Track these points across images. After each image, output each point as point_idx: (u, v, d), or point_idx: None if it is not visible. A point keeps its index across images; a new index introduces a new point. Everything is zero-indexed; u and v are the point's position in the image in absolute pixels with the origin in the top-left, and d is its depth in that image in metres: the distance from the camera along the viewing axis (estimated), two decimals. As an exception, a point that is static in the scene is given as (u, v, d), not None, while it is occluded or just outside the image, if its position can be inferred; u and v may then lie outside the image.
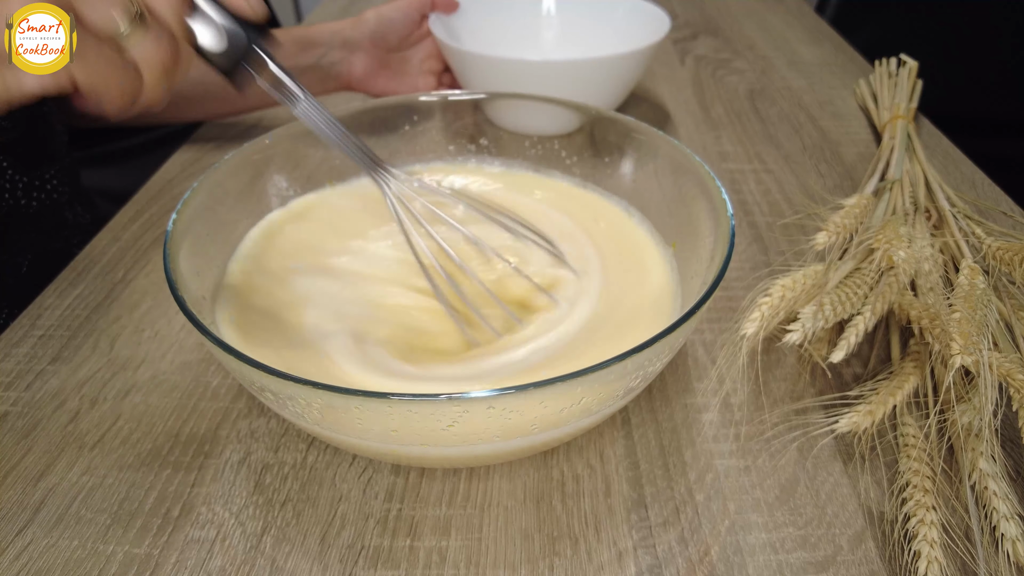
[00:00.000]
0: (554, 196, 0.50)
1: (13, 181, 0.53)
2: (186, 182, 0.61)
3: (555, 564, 0.32)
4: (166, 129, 1.00)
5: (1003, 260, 0.42)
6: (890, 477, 0.36)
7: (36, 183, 0.55)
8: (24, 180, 0.53)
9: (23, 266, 0.54)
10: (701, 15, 1.03)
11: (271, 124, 0.72)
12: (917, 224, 0.47)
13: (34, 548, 0.33)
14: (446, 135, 0.52)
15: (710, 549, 0.33)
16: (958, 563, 0.32)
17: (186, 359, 0.43)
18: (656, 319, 0.39)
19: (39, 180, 0.55)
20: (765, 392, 0.41)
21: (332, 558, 0.32)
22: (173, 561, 0.32)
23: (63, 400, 0.40)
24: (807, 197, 0.59)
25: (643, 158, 0.46)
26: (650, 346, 0.29)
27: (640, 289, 0.42)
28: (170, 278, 0.33)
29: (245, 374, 0.29)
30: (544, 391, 0.27)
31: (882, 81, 0.72)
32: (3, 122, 0.51)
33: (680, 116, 0.73)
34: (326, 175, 0.49)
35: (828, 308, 0.38)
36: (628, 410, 0.40)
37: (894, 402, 0.37)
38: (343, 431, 0.30)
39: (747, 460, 0.37)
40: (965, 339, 0.34)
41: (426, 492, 0.35)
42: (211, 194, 0.41)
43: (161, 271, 0.50)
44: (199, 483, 0.36)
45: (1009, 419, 0.37)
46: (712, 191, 0.39)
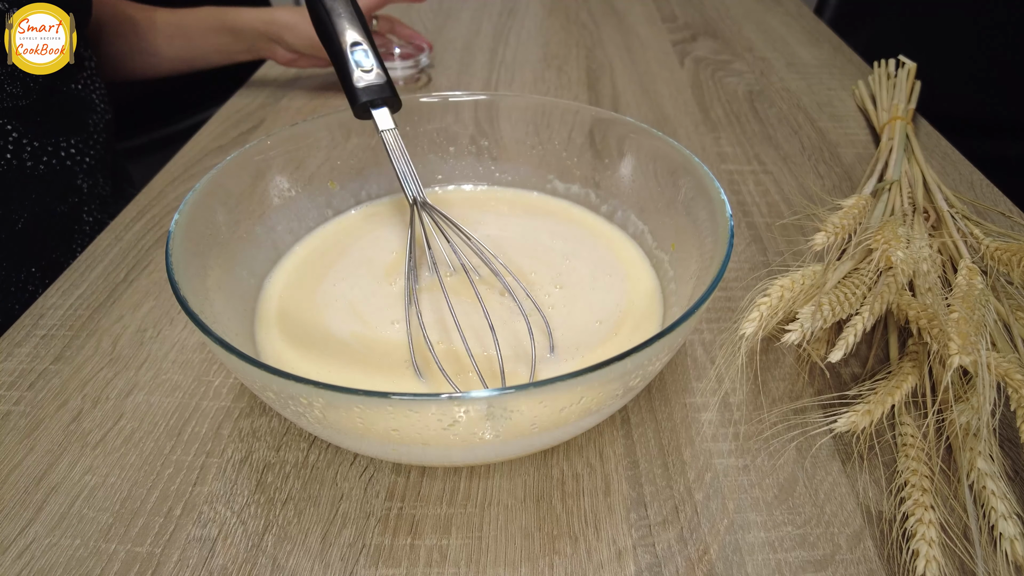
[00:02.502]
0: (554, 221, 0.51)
1: (20, 144, 0.55)
2: (188, 183, 0.62)
3: (555, 562, 0.32)
4: (168, 129, 1.00)
5: (1001, 260, 0.43)
6: (888, 476, 0.36)
7: (49, 148, 0.57)
8: (35, 144, 0.56)
9: (19, 223, 0.56)
10: (700, 17, 1.03)
11: (272, 124, 0.72)
12: (915, 225, 0.48)
13: (36, 547, 0.33)
14: (447, 136, 0.52)
15: (709, 548, 0.33)
16: (956, 562, 0.32)
17: (188, 358, 0.43)
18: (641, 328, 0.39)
19: (52, 146, 0.57)
20: (764, 392, 0.41)
21: (333, 556, 0.33)
22: (175, 560, 0.32)
23: (65, 399, 0.40)
24: (806, 198, 0.59)
25: (642, 159, 0.47)
26: (650, 346, 0.29)
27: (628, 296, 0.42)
28: (172, 278, 0.33)
29: (247, 374, 0.29)
30: (544, 391, 0.27)
31: (881, 82, 0.72)
32: (14, 89, 0.53)
33: (679, 117, 0.74)
34: (327, 175, 0.49)
35: (826, 308, 0.38)
36: (628, 409, 0.40)
37: (892, 402, 0.37)
38: (344, 431, 0.30)
39: (746, 459, 0.37)
40: (963, 339, 0.34)
41: (427, 491, 0.36)
42: (213, 194, 0.41)
43: (163, 271, 0.51)
44: (201, 482, 0.36)
45: (1007, 419, 0.37)
46: (711, 192, 0.39)
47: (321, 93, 0.79)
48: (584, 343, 0.40)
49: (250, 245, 0.44)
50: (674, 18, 1.03)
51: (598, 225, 0.49)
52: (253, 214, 0.45)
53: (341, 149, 0.50)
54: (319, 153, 0.49)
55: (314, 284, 0.44)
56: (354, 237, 0.48)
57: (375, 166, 0.51)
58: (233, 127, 0.71)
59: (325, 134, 0.49)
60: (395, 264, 0.46)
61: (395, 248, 0.47)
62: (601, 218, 0.50)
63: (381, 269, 0.45)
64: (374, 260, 0.46)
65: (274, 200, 0.46)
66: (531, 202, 0.52)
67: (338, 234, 0.49)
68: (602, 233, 0.49)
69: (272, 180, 0.46)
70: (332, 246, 0.48)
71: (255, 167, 0.45)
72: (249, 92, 0.80)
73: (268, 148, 0.45)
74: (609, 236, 0.48)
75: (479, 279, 0.43)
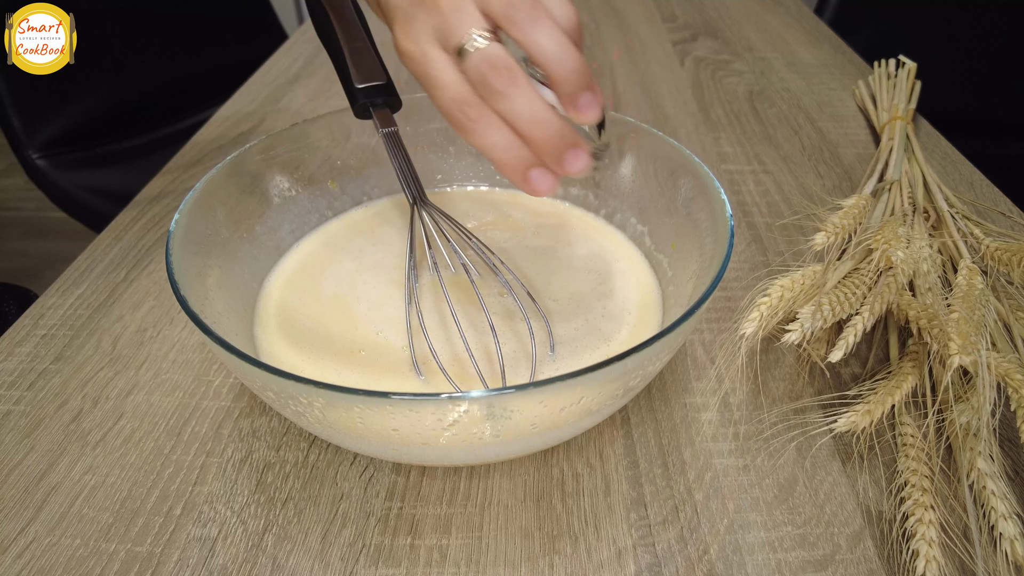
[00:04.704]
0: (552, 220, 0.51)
1: None
2: (188, 182, 0.62)
3: (555, 562, 0.32)
4: (168, 129, 1.00)
5: (1001, 260, 0.43)
6: (888, 476, 0.36)
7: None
8: None
9: None
10: (700, 17, 1.03)
11: (272, 125, 0.72)
12: (915, 225, 0.47)
13: (36, 546, 0.33)
14: (447, 136, 0.52)
15: (709, 548, 0.33)
16: (956, 562, 0.32)
17: (188, 358, 0.43)
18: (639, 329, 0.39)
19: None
20: (764, 392, 0.41)
21: (333, 556, 0.33)
22: (175, 559, 0.32)
23: (66, 399, 0.41)
24: (806, 198, 0.59)
25: (643, 159, 0.47)
26: (650, 346, 0.29)
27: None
28: (172, 278, 0.33)
29: (247, 373, 0.29)
30: (544, 391, 0.27)
31: (881, 82, 0.72)
32: None
33: (680, 117, 0.74)
34: (327, 175, 0.49)
35: (826, 308, 0.38)
36: (628, 409, 0.40)
37: (892, 402, 0.37)
38: (344, 431, 0.30)
39: (746, 459, 0.37)
40: (963, 339, 0.34)
41: (427, 491, 0.36)
42: (213, 194, 0.41)
43: (163, 271, 0.51)
44: (201, 481, 0.36)
45: (1007, 419, 0.37)
46: (711, 192, 0.39)
47: (321, 93, 0.79)
48: (584, 343, 0.40)
49: (250, 245, 0.44)
50: (674, 18, 1.03)
51: (598, 226, 0.49)
52: (253, 214, 0.45)
53: (341, 149, 0.50)
54: (319, 153, 0.49)
55: (314, 284, 0.44)
56: (354, 237, 0.48)
57: (375, 166, 0.51)
58: (233, 127, 0.71)
59: (325, 134, 0.49)
60: (395, 264, 0.46)
61: (395, 248, 0.47)
62: (601, 219, 0.50)
63: (381, 269, 0.45)
64: (374, 260, 0.46)
65: (274, 200, 0.46)
66: (531, 203, 0.52)
67: (338, 234, 0.49)
68: (602, 234, 0.49)
69: (272, 180, 0.46)
70: (332, 246, 0.48)
71: (255, 167, 0.45)
72: (249, 92, 0.80)
73: (268, 148, 0.45)
74: (609, 237, 0.48)
75: (479, 279, 0.43)
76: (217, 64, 1.06)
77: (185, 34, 1.03)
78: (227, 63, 1.04)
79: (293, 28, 1.07)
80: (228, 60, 1.05)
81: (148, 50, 0.98)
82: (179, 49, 1.02)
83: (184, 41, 1.03)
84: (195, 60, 1.04)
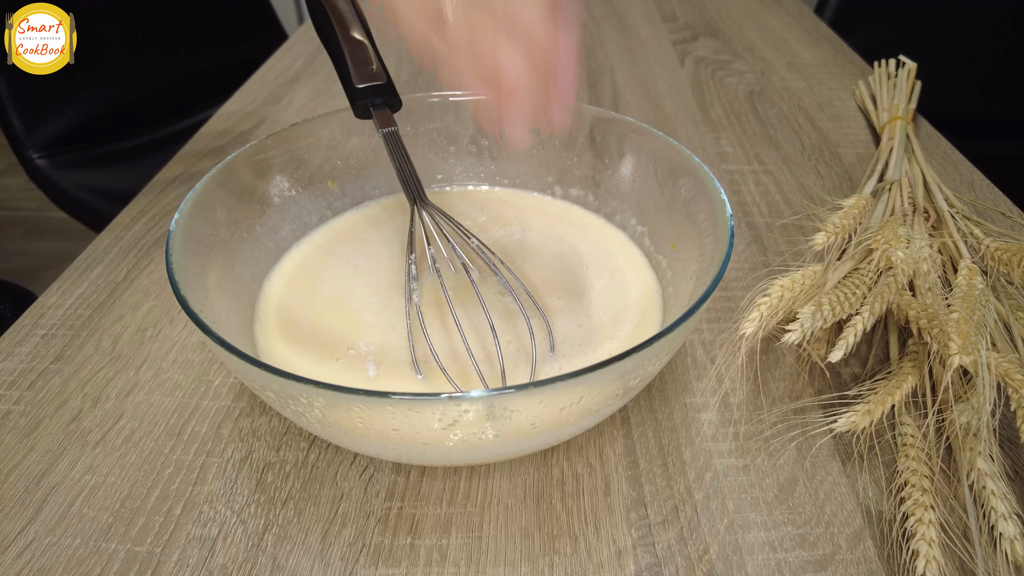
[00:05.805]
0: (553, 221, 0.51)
1: None
2: (188, 182, 0.62)
3: (555, 562, 0.32)
4: (168, 129, 1.01)
5: (1001, 260, 0.43)
6: (888, 476, 0.36)
7: None
8: None
9: None
10: (700, 17, 1.03)
11: (272, 125, 0.72)
12: (916, 225, 0.47)
13: (36, 546, 0.33)
14: (447, 136, 0.52)
15: (709, 548, 0.33)
16: (956, 562, 0.32)
17: (188, 358, 0.43)
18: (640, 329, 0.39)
19: None
20: (764, 392, 0.41)
21: (333, 556, 0.33)
22: (175, 559, 0.32)
23: (66, 399, 0.41)
24: (806, 198, 0.59)
25: (643, 159, 0.47)
26: (650, 346, 0.29)
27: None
28: (172, 278, 0.33)
29: (247, 373, 0.29)
30: (544, 391, 0.27)
31: (881, 82, 0.72)
32: None
33: (680, 117, 0.74)
34: (327, 175, 0.49)
35: (827, 308, 0.38)
36: (628, 409, 0.40)
37: (892, 402, 0.37)
38: (344, 430, 0.30)
39: (746, 459, 0.37)
40: (963, 339, 0.34)
41: (427, 490, 0.36)
42: (213, 194, 0.41)
43: (163, 271, 0.51)
44: (201, 481, 0.36)
45: (1007, 419, 0.37)
46: (711, 192, 0.39)
47: (321, 93, 0.79)
48: (584, 343, 0.40)
49: (250, 245, 0.44)
50: (674, 18, 1.03)
51: (598, 226, 0.49)
52: (253, 214, 0.45)
53: (341, 149, 0.50)
54: (319, 153, 0.49)
55: (314, 284, 0.44)
56: (354, 237, 0.48)
57: (375, 166, 0.51)
58: (233, 127, 0.71)
59: (325, 134, 0.49)
60: (395, 264, 0.46)
61: (395, 248, 0.47)
62: (601, 219, 0.50)
63: (381, 269, 0.45)
64: (375, 260, 0.46)
65: (274, 200, 0.46)
66: (531, 203, 0.52)
67: (338, 234, 0.49)
68: (602, 234, 0.49)
69: (272, 180, 0.46)
70: (332, 246, 0.48)
71: (255, 167, 0.45)
72: (249, 92, 0.80)
73: (268, 148, 0.45)
74: (609, 237, 0.48)
75: (479, 279, 0.43)
76: (217, 64, 1.06)
77: (185, 34, 1.03)
78: (227, 63, 1.04)
79: (293, 28, 1.07)
80: (228, 60, 1.06)
81: (148, 50, 0.98)
82: (179, 49, 1.02)
83: (184, 41, 1.03)
84: (195, 60, 1.04)
